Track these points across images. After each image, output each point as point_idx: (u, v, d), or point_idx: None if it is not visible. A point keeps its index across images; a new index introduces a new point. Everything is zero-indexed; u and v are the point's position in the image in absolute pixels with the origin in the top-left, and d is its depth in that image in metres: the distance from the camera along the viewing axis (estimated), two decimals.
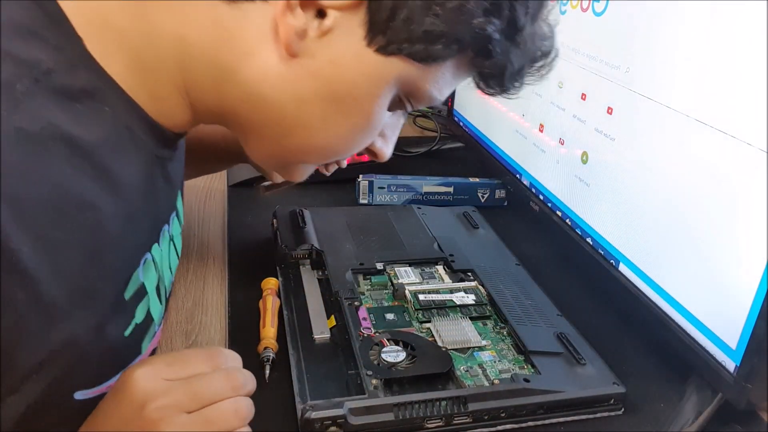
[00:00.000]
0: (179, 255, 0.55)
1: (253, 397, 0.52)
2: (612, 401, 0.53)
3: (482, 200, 0.89)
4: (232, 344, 0.58)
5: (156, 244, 0.47)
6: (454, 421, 0.49)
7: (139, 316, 0.44)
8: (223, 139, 0.67)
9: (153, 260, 0.46)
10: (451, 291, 0.64)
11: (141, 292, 0.44)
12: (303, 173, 0.52)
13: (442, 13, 0.39)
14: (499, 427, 0.51)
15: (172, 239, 0.52)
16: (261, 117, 0.44)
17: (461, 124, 1.04)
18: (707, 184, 0.53)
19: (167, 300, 0.53)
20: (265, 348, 0.55)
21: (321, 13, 0.40)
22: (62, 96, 0.36)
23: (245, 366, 0.52)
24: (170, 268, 0.52)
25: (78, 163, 0.36)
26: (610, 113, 0.65)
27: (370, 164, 0.93)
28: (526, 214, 0.82)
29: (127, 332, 0.42)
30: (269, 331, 0.57)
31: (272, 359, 0.55)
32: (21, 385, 0.36)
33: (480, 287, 0.65)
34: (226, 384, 0.39)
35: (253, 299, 0.63)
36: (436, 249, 0.72)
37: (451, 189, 0.88)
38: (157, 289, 0.48)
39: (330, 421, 0.47)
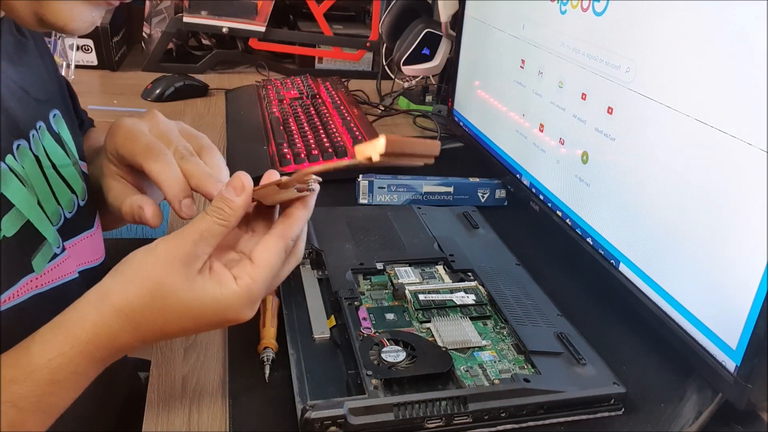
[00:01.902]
0: (77, 194, 0.55)
1: (253, 397, 0.52)
2: (612, 401, 0.53)
3: (482, 200, 0.89)
4: (231, 344, 0.58)
5: (10, 156, 0.47)
6: (454, 421, 0.49)
7: (7, 229, 0.44)
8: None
9: (15, 174, 0.46)
10: (451, 291, 0.64)
11: (2, 204, 0.44)
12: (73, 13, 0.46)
13: None
14: (500, 427, 0.51)
15: (54, 167, 0.52)
16: None
17: (461, 124, 1.04)
18: (707, 184, 0.53)
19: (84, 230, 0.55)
20: (265, 348, 0.55)
21: None
22: None
23: (244, 367, 0.53)
24: (55, 197, 0.51)
25: None
26: (611, 113, 0.65)
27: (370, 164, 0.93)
28: (526, 214, 0.82)
29: None
30: (269, 331, 0.57)
31: (272, 359, 0.55)
32: None
33: (480, 287, 0.65)
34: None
35: None
36: (436, 249, 0.72)
37: (451, 189, 0.88)
38: (42, 207, 0.48)
39: (330, 421, 0.47)
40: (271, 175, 0.49)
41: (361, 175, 0.87)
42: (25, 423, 0.41)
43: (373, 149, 0.39)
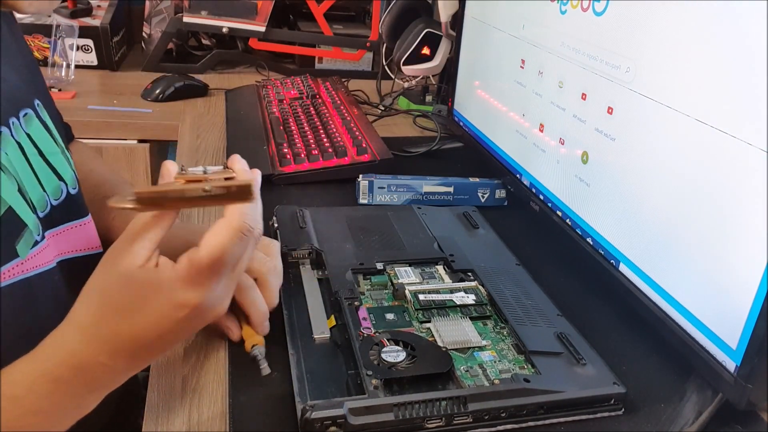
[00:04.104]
0: (67, 182, 0.56)
1: (253, 397, 0.52)
2: (612, 401, 0.53)
3: (482, 200, 0.89)
4: (231, 344, 0.58)
5: None
6: (455, 421, 0.49)
7: None
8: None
9: None
10: (451, 291, 0.64)
11: None
12: None
13: None
14: (500, 427, 0.51)
15: (41, 154, 0.52)
16: None
17: (461, 124, 1.04)
18: (707, 184, 0.53)
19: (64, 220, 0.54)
20: (253, 346, 0.54)
21: None
22: None
23: (244, 367, 0.53)
24: (40, 183, 0.52)
25: None
26: (611, 113, 0.65)
27: (370, 164, 0.93)
28: (527, 214, 0.82)
29: None
30: (247, 329, 0.55)
31: (264, 353, 0.53)
32: None
33: (480, 287, 0.65)
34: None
35: None
36: (436, 249, 0.72)
37: (451, 189, 0.88)
38: (23, 194, 0.48)
39: (330, 421, 0.47)
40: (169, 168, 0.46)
41: (361, 175, 0.87)
42: None
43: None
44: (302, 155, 0.93)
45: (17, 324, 0.47)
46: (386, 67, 1.36)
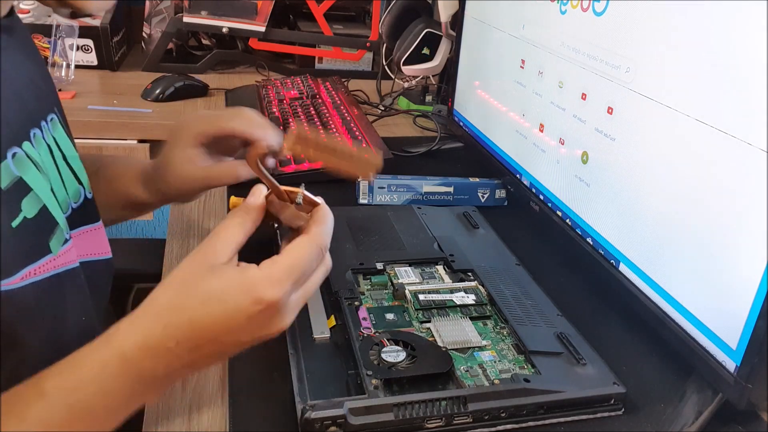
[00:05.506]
0: (84, 186, 0.58)
1: (253, 397, 0.52)
2: (612, 401, 0.53)
3: (482, 200, 0.89)
4: None
5: (28, 143, 0.49)
6: (455, 421, 0.50)
7: (27, 210, 0.46)
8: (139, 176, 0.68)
9: (32, 160, 0.48)
10: (451, 291, 0.64)
11: (22, 187, 0.46)
12: None
13: None
14: (500, 427, 0.51)
15: (65, 158, 0.55)
16: None
17: (461, 124, 1.04)
18: (707, 184, 0.53)
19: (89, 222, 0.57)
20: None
21: None
22: None
23: (244, 367, 0.53)
24: (64, 185, 0.54)
25: None
26: (611, 113, 0.65)
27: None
28: (526, 214, 0.82)
29: (15, 223, 0.44)
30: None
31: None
32: None
33: (480, 287, 0.65)
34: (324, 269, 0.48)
35: None
36: (436, 249, 0.72)
37: (451, 189, 0.88)
38: (54, 194, 0.51)
39: (330, 421, 0.47)
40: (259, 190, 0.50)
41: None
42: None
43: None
44: (302, 155, 0.92)
45: (48, 317, 0.48)
46: (386, 67, 1.36)
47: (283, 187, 0.49)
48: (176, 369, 0.43)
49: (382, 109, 1.28)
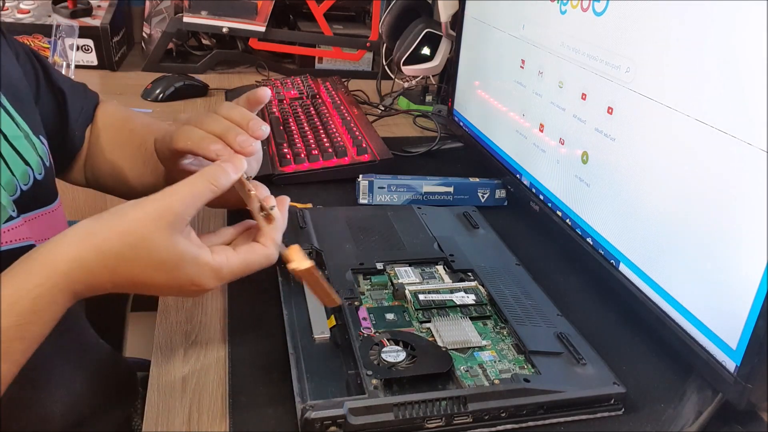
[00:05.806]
0: (32, 167, 0.57)
1: (253, 397, 0.52)
2: (612, 401, 0.53)
3: (482, 200, 0.89)
4: (232, 344, 0.58)
5: None
6: (455, 421, 0.50)
7: None
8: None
9: None
10: (451, 291, 0.64)
11: None
12: None
13: None
14: (500, 427, 0.51)
15: (6, 138, 0.54)
16: None
17: (461, 124, 1.04)
18: (707, 184, 0.53)
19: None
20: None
21: None
22: None
23: (244, 367, 0.53)
24: (9, 167, 0.54)
25: None
26: (611, 113, 0.65)
27: (370, 164, 0.93)
28: (526, 214, 0.82)
29: None
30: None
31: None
32: None
33: (480, 287, 0.65)
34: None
35: (253, 299, 0.63)
36: (436, 249, 0.72)
37: (451, 189, 0.88)
38: None
39: (330, 421, 0.47)
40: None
41: (361, 175, 0.87)
42: (9, 351, 0.43)
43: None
44: (302, 155, 0.93)
45: None
46: (386, 67, 1.36)
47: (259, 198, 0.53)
48: (93, 288, 0.46)
49: (382, 109, 1.28)
